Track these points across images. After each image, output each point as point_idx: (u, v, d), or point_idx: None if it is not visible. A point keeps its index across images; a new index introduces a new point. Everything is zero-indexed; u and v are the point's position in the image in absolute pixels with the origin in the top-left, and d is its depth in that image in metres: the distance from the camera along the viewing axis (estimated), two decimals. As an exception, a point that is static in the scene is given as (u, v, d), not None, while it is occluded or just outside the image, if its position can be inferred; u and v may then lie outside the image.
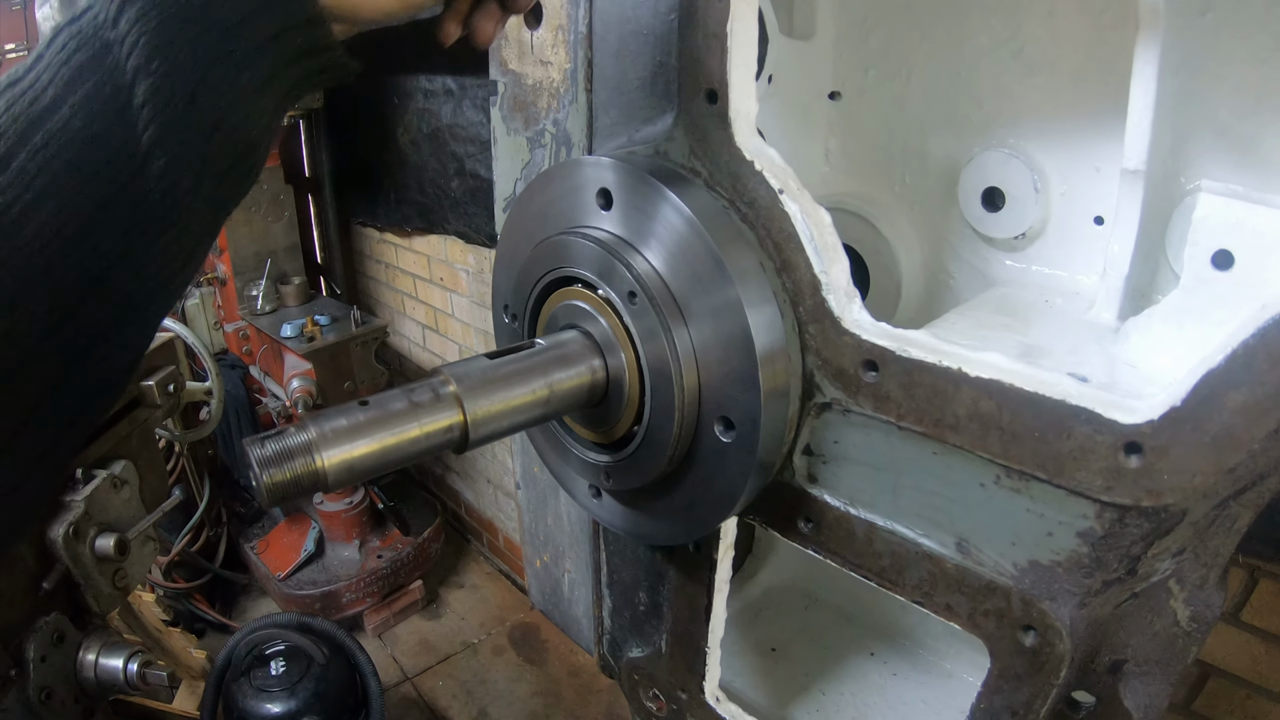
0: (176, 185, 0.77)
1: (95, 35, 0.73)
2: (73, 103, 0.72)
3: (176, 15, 0.74)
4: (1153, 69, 1.14)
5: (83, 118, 0.72)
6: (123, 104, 0.73)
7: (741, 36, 1.04)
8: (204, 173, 0.79)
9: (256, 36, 0.78)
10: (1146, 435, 0.81)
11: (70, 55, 0.73)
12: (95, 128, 0.73)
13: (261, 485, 0.89)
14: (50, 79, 0.73)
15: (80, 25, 0.74)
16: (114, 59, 0.73)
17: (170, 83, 0.74)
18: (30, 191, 0.71)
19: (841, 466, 1.14)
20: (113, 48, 0.73)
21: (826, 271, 1.02)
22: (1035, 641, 1.00)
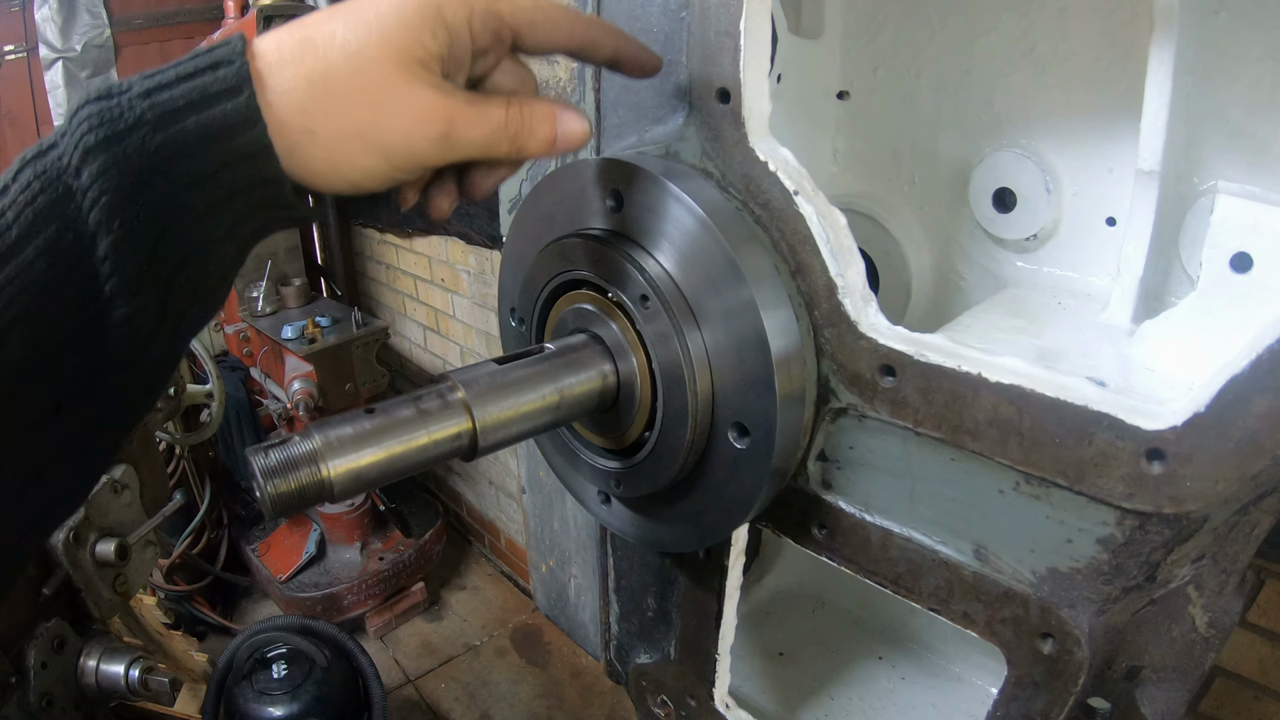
0: (137, 330, 0.77)
1: (59, 179, 0.73)
2: (36, 245, 0.72)
3: (138, 172, 0.74)
4: (1167, 69, 1.13)
5: (45, 262, 0.72)
6: (84, 252, 0.73)
7: (755, 35, 1.03)
8: (163, 316, 0.79)
9: (216, 193, 0.78)
10: (1170, 441, 0.80)
11: (34, 196, 0.73)
12: (57, 273, 0.73)
13: (265, 497, 0.87)
14: (15, 218, 0.72)
15: (45, 165, 0.74)
16: (76, 208, 0.73)
17: (131, 239, 0.74)
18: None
19: (857, 472, 1.12)
20: (75, 196, 0.73)
21: (842, 274, 1.01)
22: (1053, 649, 0.98)
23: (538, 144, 0.94)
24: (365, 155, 0.83)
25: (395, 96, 0.82)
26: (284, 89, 0.79)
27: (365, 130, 0.82)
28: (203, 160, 0.76)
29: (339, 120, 0.81)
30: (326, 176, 0.83)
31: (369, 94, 0.81)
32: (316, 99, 0.79)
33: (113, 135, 0.73)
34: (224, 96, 0.76)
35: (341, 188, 0.85)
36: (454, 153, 0.88)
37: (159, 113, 0.75)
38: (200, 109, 0.76)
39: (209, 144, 0.76)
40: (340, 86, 0.80)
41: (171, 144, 0.75)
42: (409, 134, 0.84)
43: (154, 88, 0.76)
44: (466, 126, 0.87)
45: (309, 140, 0.80)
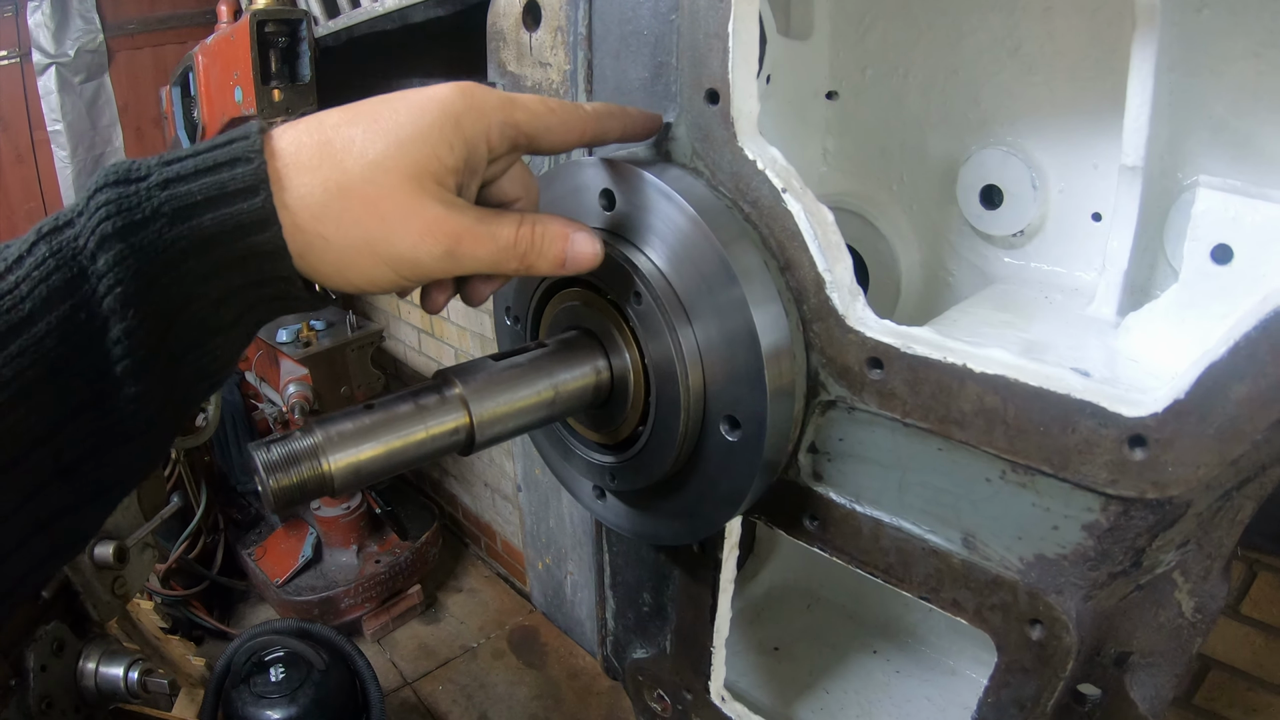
0: (146, 407, 0.79)
1: (74, 259, 0.75)
2: (49, 321, 0.74)
3: (154, 262, 0.76)
4: (1150, 66, 1.15)
5: (56, 338, 0.74)
6: (97, 333, 0.76)
7: (743, 36, 1.04)
8: (171, 393, 0.81)
9: (229, 286, 0.80)
10: (1151, 428, 0.82)
11: (49, 274, 0.75)
12: (68, 349, 0.75)
13: (268, 490, 0.89)
14: (28, 292, 0.74)
15: (61, 243, 0.76)
16: (90, 290, 0.75)
17: (144, 327, 0.76)
18: (5, 393, 0.73)
19: (847, 464, 1.14)
20: (90, 279, 0.75)
21: (830, 270, 1.03)
22: (1042, 635, 1.00)
23: (547, 264, 0.97)
24: (373, 265, 0.85)
25: (405, 211, 0.84)
26: (300, 194, 0.81)
27: (375, 242, 0.84)
28: (218, 256, 0.78)
29: (350, 230, 0.82)
30: (334, 279, 0.86)
31: (381, 207, 0.83)
32: (331, 207, 0.81)
33: (130, 225, 0.75)
34: (241, 196, 0.78)
35: (346, 290, 0.88)
36: (459, 268, 0.90)
37: (176, 206, 0.77)
38: (218, 206, 0.78)
39: (225, 241, 0.78)
40: (355, 197, 0.82)
41: (188, 238, 0.77)
42: (415, 248, 0.85)
43: (172, 178, 0.78)
44: (473, 245, 0.89)
45: (321, 245, 0.82)
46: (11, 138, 5.97)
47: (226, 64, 4.10)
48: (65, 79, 5.87)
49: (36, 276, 0.74)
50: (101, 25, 5.94)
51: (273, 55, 3.90)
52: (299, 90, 3.98)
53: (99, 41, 5.96)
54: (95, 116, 6.07)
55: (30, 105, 5.94)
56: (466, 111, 0.87)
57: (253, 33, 3.80)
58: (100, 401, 0.77)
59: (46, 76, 5.83)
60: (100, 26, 5.94)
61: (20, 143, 6.01)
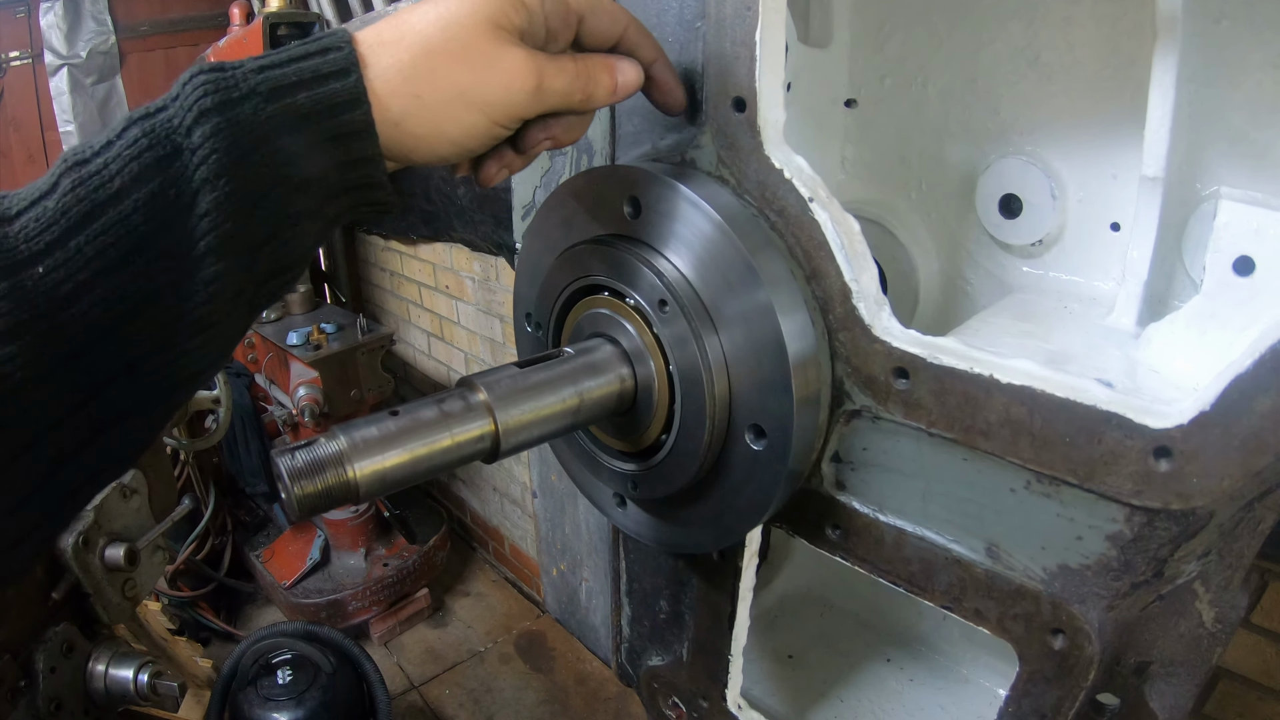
0: (221, 292, 0.80)
1: (169, 137, 0.77)
2: (136, 198, 0.75)
3: (248, 137, 0.78)
4: (1171, 76, 1.15)
5: (144, 214, 0.75)
6: (184, 209, 0.77)
7: (770, 45, 1.04)
8: (247, 283, 0.83)
9: (317, 167, 0.83)
10: (1176, 439, 0.82)
11: (141, 151, 0.76)
12: (154, 226, 0.76)
13: (292, 498, 0.89)
14: (119, 170, 0.75)
15: (155, 124, 0.77)
16: (182, 165, 0.76)
17: (233, 200, 0.78)
18: (84, 273, 0.73)
19: (870, 473, 1.14)
20: (183, 154, 0.76)
21: (857, 279, 1.03)
22: (1064, 645, 1.00)
23: (603, 90, 1.02)
24: (468, 113, 0.90)
25: (491, 57, 0.89)
26: (387, 64, 0.86)
27: (467, 90, 0.89)
28: (309, 134, 0.82)
29: (443, 83, 0.87)
30: (430, 139, 0.90)
31: (467, 57, 0.88)
32: (420, 69, 0.86)
33: (228, 101, 0.78)
34: (333, 78, 0.83)
35: (444, 150, 0.92)
36: (543, 104, 0.95)
37: (272, 86, 0.80)
38: (311, 87, 0.82)
39: (317, 119, 0.82)
40: (441, 53, 0.87)
41: (283, 114, 0.80)
42: (508, 88, 0.90)
43: (267, 65, 0.82)
44: (552, 78, 0.94)
45: (416, 105, 0.87)
46: (24, 138, 5.99)
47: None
48: (77, 80, 5.89)
49: (128, 155, 0.76)
50: (114, 27, 5.97)
51: (285, 58, 3.90)
52: (311, 94, 3.98)
53: (111, 43, 5.99)
54: (107, 117, 6.09)
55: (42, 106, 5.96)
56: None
57: (265, 36, 3.82)
58: (177, 286, 0.78)
59: (58, 77, 5.85)
60: (112, 28, 5.96)
61: (32, 143, 6.03)
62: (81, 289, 0.73)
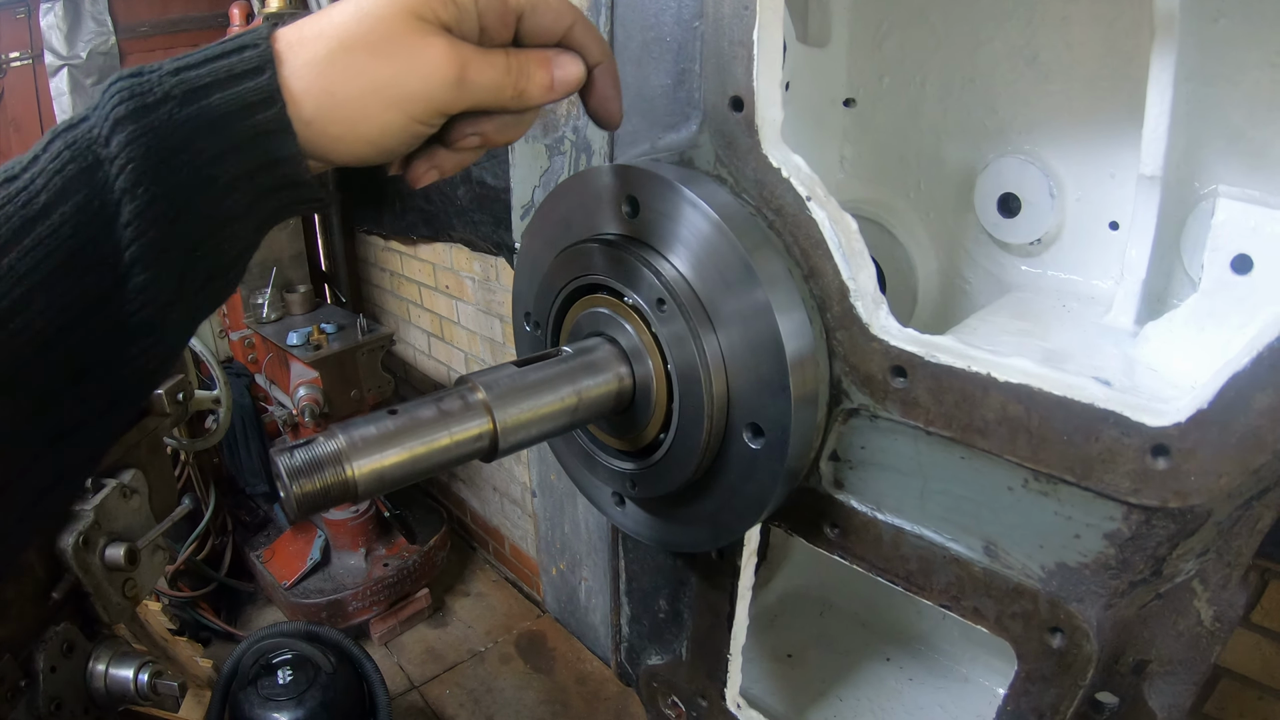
0: (155, 299, 0.80)
1: (89, 149, 0.76)
2: (63, 211, 0.75)
3: (165, 143, 0.77)
4: (1169, 75, 1.15)
5: (71, 227, 0.75)
6: (109, 220, 0.76)
7: (768, 44, 1.05)
8: (181, 290, 0.82)
9: (238, 169, 0.81)
10: (1174, 437, 0.82)
11: (64, 165, 0.76)
12: (82, 239, 0.76)
13: (291, 496, 0.89)
14: (44, 185, 0.75)
15: (75, 135, 0.77)
16: (104, 175, 0.76)
17: (154, 207, 0.77)
18: (20, 288, 0.73)
19: (868, 472, 1.14)
20: (104, 165, 0.76)
21: (854, 278, 1.03)
22: (1062, 643, 1.00)
23: (537, 88, 0.95)
24: (384, 110, 0.86)
25: (411, 47, 0.85)
26: (303, 60, 0.83)
27: (384, 85, 0.85)
28: (225, 136, 0.80)
29: (358, 78, 0.84)
30: (347, 139, 0.86)
31: (385, 48, 0.84)
32: (335, 62, 0.83)
33: (142, 107, 0.77)
34: (247, 76, 0.80)
35: (362, 150, 0.88)
36: (468, 97, 0.90)
37: (186, 89, 0.79)
38: (225, 87, 0.80)
39: (231, 120, 0.80)
40: (359, 47, 0.83)
41: (197, 118, 0.78)
42: (427, 79, 0.86)
43: (183, 67, 0.80)
44: (478, 71, 0.89)
45: (329, 102, 0.83)
46: (24, 138, 5.98)
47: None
48: (77, 80, 5.88)
49: (52, 169, 0.76)
50: (114, 27, 5.96)
51: (285, 58, 3.90)
52: (311, 94, 3.98)
53: (111, 43, 5.97)
54: (107, 118, 6.08)
55: (42, 106, 5.95)
56: None
57: (265, 36, 3.80)
58: (111, 295, 0.78)
59: (59, 78, 5.84)
60: (112, 28, 5.95)
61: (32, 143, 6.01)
62: (18, 305, 0.73)
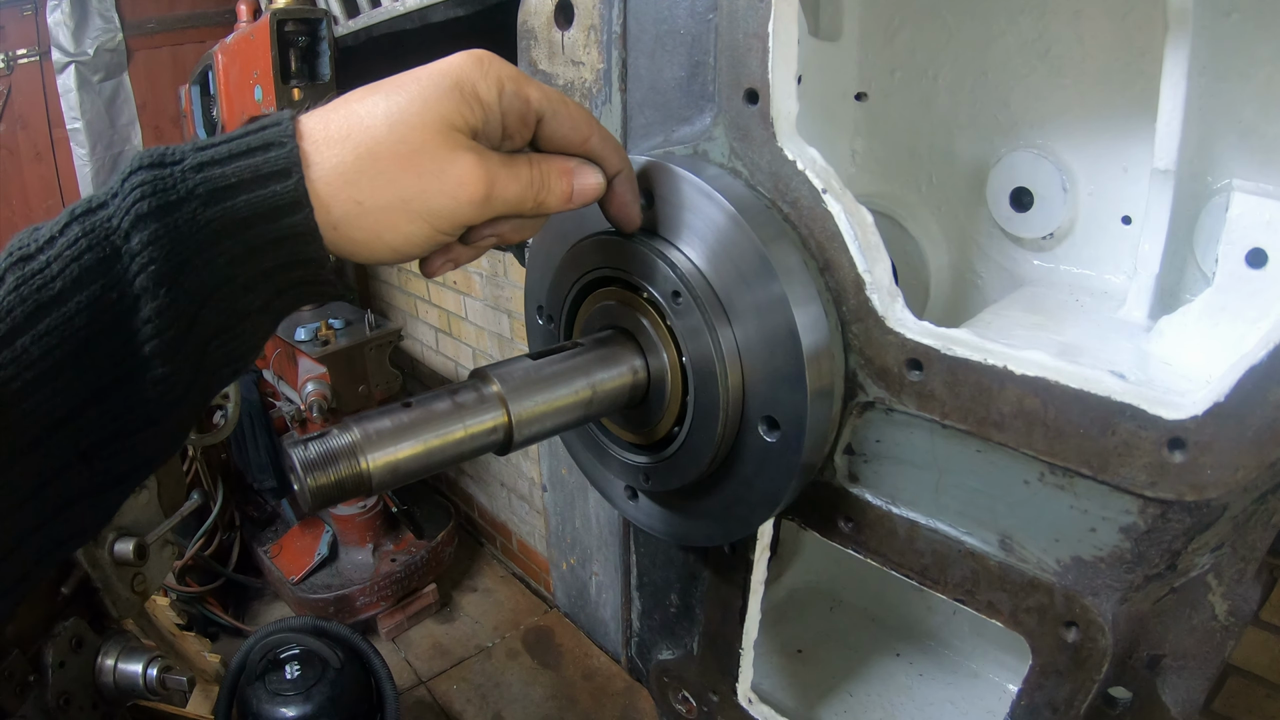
0: (170, 390, 0.80)
1: (108, 239, 0.76)
2: (79, 300, 0.75)
3: (188, 243, 0.77)
4: (1182, 69, 1.15)
5: (87, 317, 0.75)
6: (126, 313, 0.76)
7: (783, 36, 1.04)
8: (196, 378, 0.82)
9: (260, 268, 0.82)
10: (1191, 431, 0.82)
11: (81, 253, 0.76)
12: (98, 329, 0.76)
13: (305, 489, 0.89)
14: (60, 270, 0.75)
15: (94, 224, 0.77)
16: (122, 269, 0.76)
17: (176, 306, 0.77)
18: (31, 372, 0.73)
19: (883, 465, 1.14)
20: (123, 258, 0.76)
21: (870, 271, 1.03)
22: (1077, 637, 1.00)
23: (556, 199, 0.98)
24: (410, 222, 0.86)
25: (440, 162, 0.85)
26: (331, 164, 0.82)
27: (410, 199, 0.85)
28: (251, 238, 0.80)
29: (385, 190, 0.83)
30: (370, 245, 0.86)
31: (415, 162, 0.84)
32: (364, 172, 0.82)
33: (165, 205, 0.76)
34: (274, 179, 0.80)
35: (383, 255, 0.88)
36: (491, 212, 0.91)
37: (211, 188, 0.78)
38: (251, 189, 0.79)
39: (258, 223, 0.80)
40: (386, 156, 0.83)
41: (221, 220, 0.78)
42: (454, 197, 0.86)
43: (207, 162, 0.79)
44: (503, 187, 0.90)
45: (356, 211, 0.83)
46: (31, 135, 6.00)
47: (246, 63, 4.11)
48: (84, 77, 5.90)
49: (69, 256, 0.75)
50: (121, 24, 5.97)
51: (292, 54, 3.92)
52: (319, 89, 4.00)
53: (118, 40, 5.99)
54: (114, 115, 6.10)
55: (49, 103, 5.97)
56: (482, 76, 0.88)
57: (273, 32, 3.81)
58: (125, 383, 0.78)
59: (66, 75, 5.85)
60: (119, 25, 5.97)
61: (39, 140, 6.04)
62: (30, 387, 0.73)
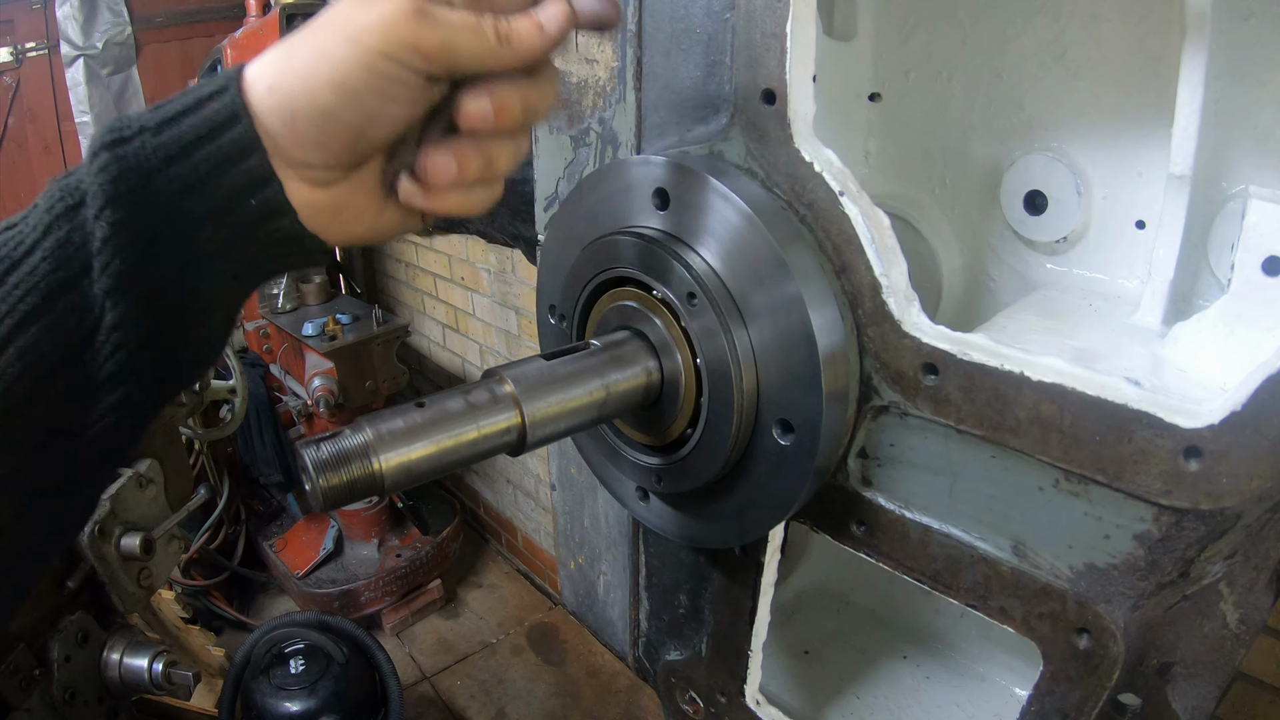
0: (125, 341, 0.78)
1: (76, 189, 0.76)
2: (45, 247, 0.75)
3: (138, 168, 0.76)
4: (1199, 74, 1.14)
5: (51, 263, 0.75)
6: (87, 257, 0.76)
7: (801, 37, 1.04)
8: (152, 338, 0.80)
9: (212, 203, 0.79)
10: (1207, 439, 0.81)
11: (53, 204, 0.76)
12: (60, 277, 0.75)
13: (317, 489, 0.88)
14: (34, 224, 0.76)
15: (68, 181, 0.77)
16: (85, 213, 0.76)
17: (123, 232, 0.76)
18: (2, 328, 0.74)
19: (897, 469, 1.14)
20: (87, 203, 0.76)
21: (887, 274, 1.02)
22: (1089, 644, 1.00)
23: (524, 30, 0.82)
24: (339, 46, 0.77)
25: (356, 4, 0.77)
26: (259, 64, 0.80)
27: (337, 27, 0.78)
28: (196, 162, 0.78)
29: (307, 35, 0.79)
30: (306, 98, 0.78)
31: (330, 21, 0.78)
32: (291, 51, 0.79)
33: (117, 139, 0.77)
34: (213, 99, 0.79)
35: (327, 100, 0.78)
36: (434, 33, 0.77)
37: (159, 119, 0.78)
38: (194, 112, 0.78)
39: (201, 146, 0.78)
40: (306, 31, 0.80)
41: (169, 145, 0.78)
42: (380, 9, 0.75)
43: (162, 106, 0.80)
44: (442, 12, 0.78)
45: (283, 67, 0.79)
46: (39, 128, 6.02)
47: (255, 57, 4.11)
48: (93, 71, 5.91)
49: (42, 208, 0.76)
50: (130, 18, 5.99)
51: (302, 50, 3.91)
52: (328, 84, 3.99)
53: (127, 34, 6.00)
54: (122, 108, 6.11)
55: (58, 97, 5.98)
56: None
57: (282, 26, 3.82)
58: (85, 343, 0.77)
59: (74, 68, 5.87)
60: (128, 19, 5.98)
61: (48, 133, 6.06)
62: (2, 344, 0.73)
